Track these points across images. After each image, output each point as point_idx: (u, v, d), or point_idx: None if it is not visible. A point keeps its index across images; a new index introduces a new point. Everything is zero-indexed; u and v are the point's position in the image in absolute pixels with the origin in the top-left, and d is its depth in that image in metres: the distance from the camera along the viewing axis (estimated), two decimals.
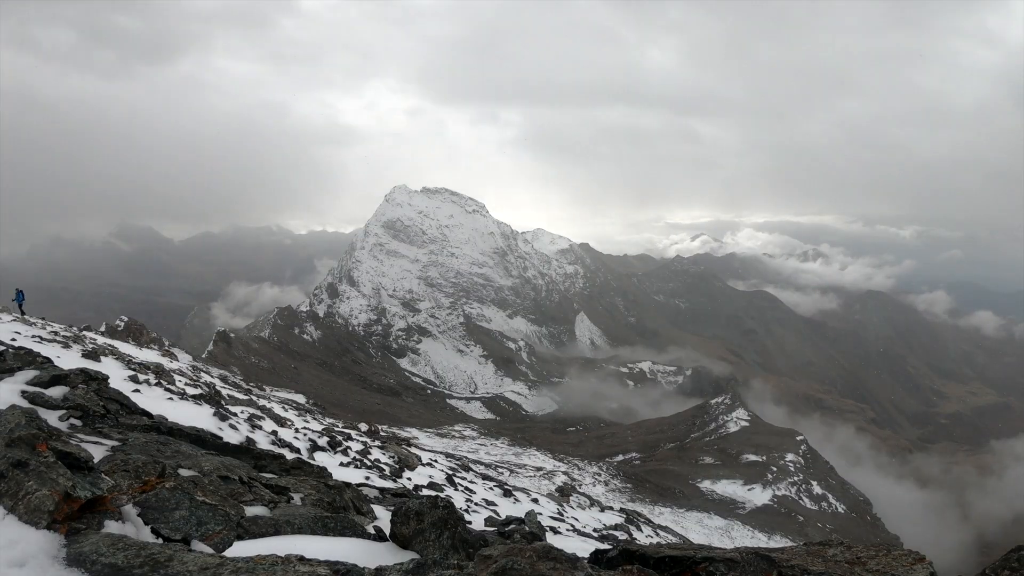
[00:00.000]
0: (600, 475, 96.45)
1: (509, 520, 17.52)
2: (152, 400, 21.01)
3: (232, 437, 19.58)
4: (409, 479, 29.72)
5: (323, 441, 29.39)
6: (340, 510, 11.61)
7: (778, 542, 78.25)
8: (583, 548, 17.83)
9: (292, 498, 11.06)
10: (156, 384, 25.55)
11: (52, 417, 12.09)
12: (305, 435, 29.40)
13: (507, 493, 41.07)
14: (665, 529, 60.04)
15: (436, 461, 45.32)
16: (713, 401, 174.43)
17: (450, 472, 40.35)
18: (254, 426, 24.78)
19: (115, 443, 11.35)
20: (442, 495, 22.43)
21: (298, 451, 24.14)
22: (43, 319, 44.92)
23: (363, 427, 54.02)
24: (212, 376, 53.29)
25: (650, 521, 60.11)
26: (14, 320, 37.84)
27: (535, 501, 41.75)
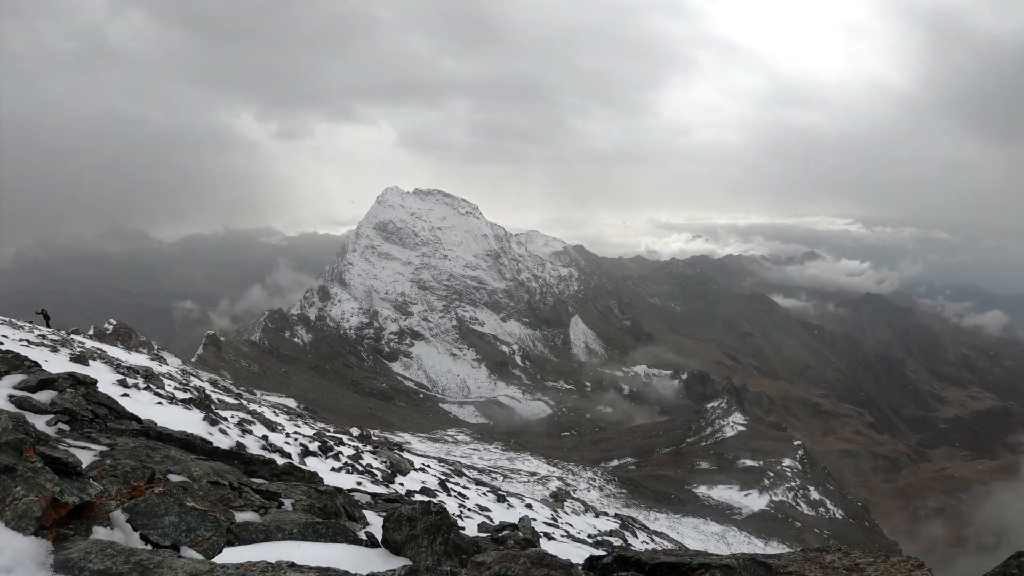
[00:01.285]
0: (595, 480, 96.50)
1: (503, 526, 17.53)
2: (141, 404, 20.97)
3: (222, 442, 19.54)
4: (401, 484, 29.72)
5: (314, 446, 29.37)
6: (331, 516, 11.60)
7: (775, 548, 78.33)
8: (578, 554, 17.85)
9: (283, 503, 11.04)
10: (145, 388, 25.51)
11: (40, 422, 12.07)
12: (296, 440, 29.38)
13: (501, 498, 41.09)
14: (660, 535, 60.06)
15: (429, 466, 45.32)
16: (709, 405, 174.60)
17: (443, 477, 40.35)
18: (244, 431, 24.75)
19: (103, 448, 11.33)
20: (435, 500, 22.42)
21: (289, 456, 24.12)
22: (30, 323, 44.85)
23: (355, 432, 53.97)
24: (202, 380, 53.19)
25: (645, 527, 60.17)
26: (4, 324, 37.74)
27: (529, 507, 41.76)
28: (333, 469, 25.61)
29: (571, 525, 40.72)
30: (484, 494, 41.02)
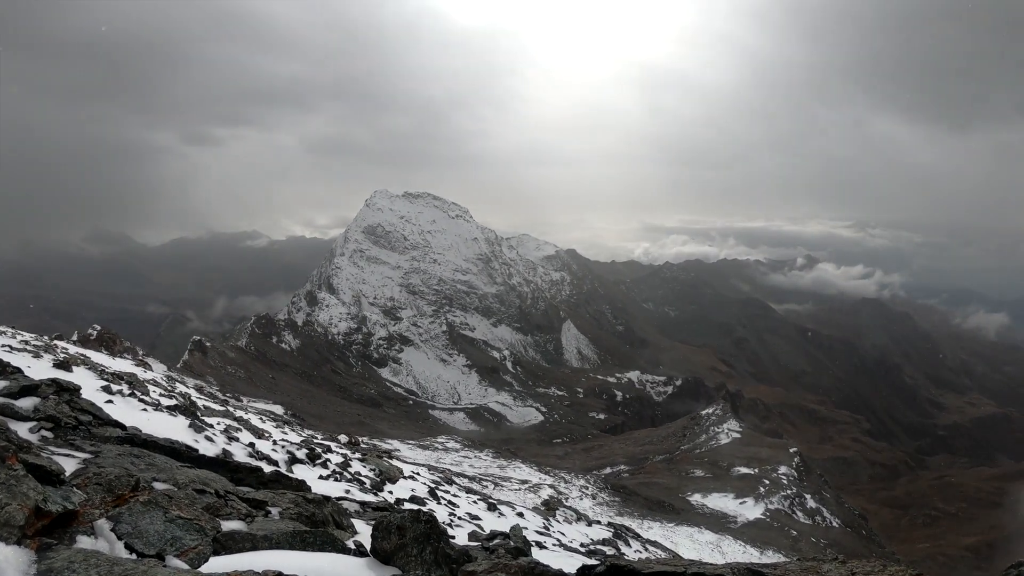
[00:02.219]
0: (587, 488, 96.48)
1: (493, 535, 17.57)
2: (126, 411, 20.95)
3: (208, 449, 19.53)
4: (390, 492, 29.69)
5: (302, 453, 29.31)
6: (319, 524, 11.61)
7: (770, 557, 78.44)
8: (570, 564, 17.86)
9: (270, 512, 11.04)
10: (130, 395, 25.46)
11: (22, 429, 12.06)
12: (283, 447, 29.32)
13: (491, 507, 41.05)
14: (654, 544, 60.06)
15: (418, 474, 45.27)
16: (704, 412, 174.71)
17: (433, 485, 40.32)
18: (231, 438, 24.71)
19: (87, 456, 11.33)
20: (424, 509, 22.41)
21: (276, 464, 24.09)
22: (13, 328, 44.73)
23: (343, 439, 53.90)
24: (187, 386, 53.10)
25: (639, 536, 60.13)
26: None
27: (520, 515, 41.73)
28: (321, 477, 25.57)
29: (563, 534, 40.71)
30: (475, 502, 40.98)
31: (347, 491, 23.36)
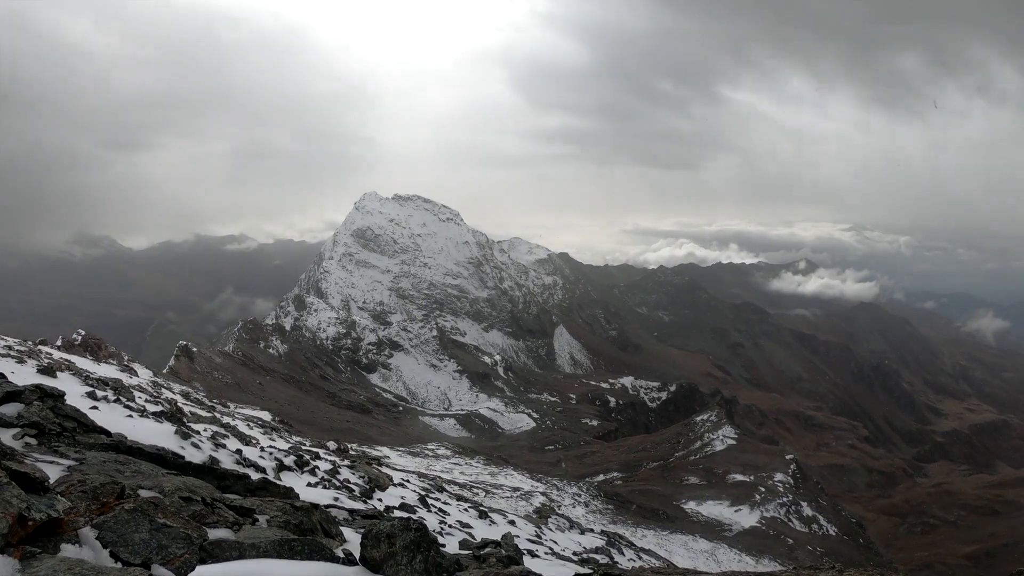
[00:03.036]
0: (580, 496, 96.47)
1: (485, 543, 17.54)
2: (111, 417, 20.93)
3: (195, 456, 19.50)
4: (380, 500, 29.69)
5: (290, 460, 29.27)
6: (308, 532, 11.60)
7: (766, 566, 78.47)
8: (562, 572, 17.87)
9: (257, 520, 11.04)
10: (115, 401, 25.45)
11: (6, 435, 12.05)
12: (271, 454, 29.27)
13: (483, 515, 41.08)
14: (648, 552, 60.09)
15: (408, 481, 45.29)
16: (698, 418, 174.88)
17: (423, 493, 40.32)
18: (218, 445, 24.67)
19: (72, 462, 11.32)
20: (414, 517, 22.42)
21: (264, 471, 24.06)
22: None
23: (332, 445, 53.80)
24: (174, 392, 53.01)
25: (632, 544, 60.22)
26: None
27: (512, 523, 41.75)
28: (309, 484, 25.55)
29: (555, 542, 40.75)
30: (465, 510, 41.01)
31: (336, 499, 23.33)
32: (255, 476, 16.70)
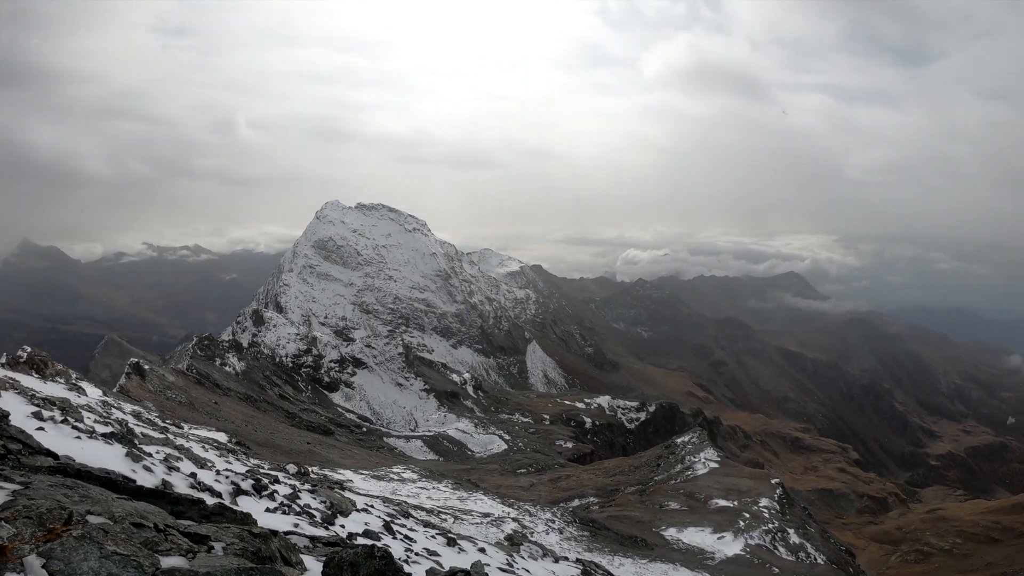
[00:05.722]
0: (554, 522, 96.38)
1: (453, 572, 17.63)
2: (58, 439, 20.89)
3: (147, 480, 19.48)
4: (343, 526, 29.64)
5: (247, 484, 29.21)
6: (266, 560, 11.64)
7: None
8: None
9: (213, 547, 11.07)
10: (62, 421, 25.34)
11: None
12: (227, 478, 29.21)
13: (451, 542, 41.04)
14: None
15: (372, 506, 45.19)
16: (679, 440, 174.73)
17: (388, 519, 40.25)
18: (171, 467, 24.62)
19: (16, 487, 11.32)
20: (379, 544, 22.44)
21: (219, 495, 24.01)
22: None
23: (292, 469, 53.69)
24: (124, 412, 52.64)
25: (609, 573, 60.24)
26: None
27: (482, 551, 41.71)
28: (268, 510, 25.49)
29: (528, 571, 40.75)
30: (433, 537, 40.95)
31: (296, 525, 23.32)
32: (210, 501, 16.72)
